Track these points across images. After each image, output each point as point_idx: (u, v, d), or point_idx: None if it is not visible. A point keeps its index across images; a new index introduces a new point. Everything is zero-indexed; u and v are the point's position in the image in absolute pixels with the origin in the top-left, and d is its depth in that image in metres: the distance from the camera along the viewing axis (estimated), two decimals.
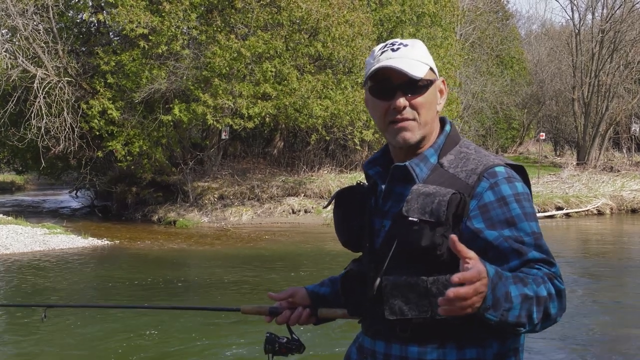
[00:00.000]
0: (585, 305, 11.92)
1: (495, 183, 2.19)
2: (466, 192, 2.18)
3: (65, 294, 13.14)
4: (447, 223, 2.13)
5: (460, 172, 2.25)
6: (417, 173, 2.29)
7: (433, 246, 2.12)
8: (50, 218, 26.47)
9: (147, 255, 18.05)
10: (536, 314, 2.00)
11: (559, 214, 26.51)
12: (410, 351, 2.21)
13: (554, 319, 2.06)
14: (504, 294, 1.94)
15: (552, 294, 2.03)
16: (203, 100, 22.03)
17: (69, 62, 24.26)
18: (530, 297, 1.98)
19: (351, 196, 2.50)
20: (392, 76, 2.27)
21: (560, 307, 2.06)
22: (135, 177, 26.32)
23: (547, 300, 2.01)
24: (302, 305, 2.62)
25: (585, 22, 43.26)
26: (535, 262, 2.09)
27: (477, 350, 2.19)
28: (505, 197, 2.17)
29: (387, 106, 2.30)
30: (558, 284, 2.06)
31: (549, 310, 2.02)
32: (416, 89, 2.28)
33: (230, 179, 26.70)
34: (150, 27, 21.87)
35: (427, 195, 2.16)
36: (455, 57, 30.59)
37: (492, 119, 46.15)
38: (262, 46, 22.03)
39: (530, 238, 2.13)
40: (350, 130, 25.49)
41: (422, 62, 2.31)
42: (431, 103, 2.32)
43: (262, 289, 13.14)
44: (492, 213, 2.16)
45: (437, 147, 2.34)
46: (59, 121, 23.75)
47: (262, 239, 20.89)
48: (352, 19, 23.11)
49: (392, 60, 2.27)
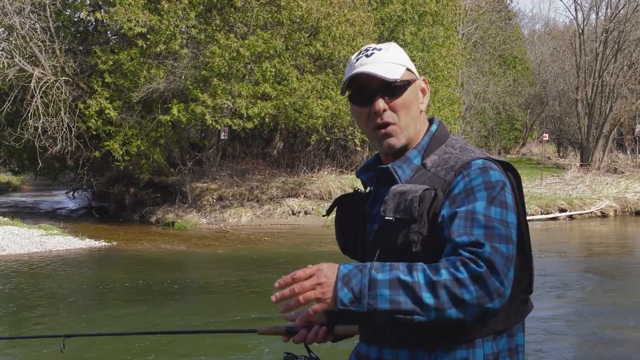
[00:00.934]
0: (590, 307, 11.92)
1: (467, 174, 2.20)
2: (442, 188, 2.20)
3: (61, 296, 13.15)
4: (420, 219, 2.15)
5: (441, 170, 2.26)
6: (399, 175, 2.32)
7: (408, 243, 2.15)
8: (47, 219, 26.48)
9: (145, 257, 18.05)
10: (431, 299, 1.96)
11: (562, 216, 26.51)
12: (402, 355, 2.24)
13: (476, 304, 1.98)
14: (367, 283, 1.99)
15: (461, 278, 1.97)
16: (202, 100, 22.03)
17: (66, 62, 24.27)
18: (410, 282, 1.97)
19: (350, 203, 2.53)
20: (369, 82, 2.31)
21: (483, 293, 1.98)
22: (133, 177, 26.33)
23: (452, 286, 1.96)
24: (318, 323, 2.62)
25: (589, 22, 43.23)
26: (462, 246, 2.04)
27: (467, 351, 2.19)
28: (473, 187, 2.16)
29: (368, 112, 2.34)
30: (474, 267, 1.98)
31: (459, 296, 1.96)
32: (393, 90, 2.31)
33: (229, 180, 26.70)
34: (149, 25, 21.87)
35: (402, 194, 2.20)
36: (457, 56, 30.61)
37: (495, 119, 46.16)
38: (262, 45, 22.03)
39: (481, 219, 2.08)
40: (350, 130, 25.49)
41: (396, 64, 2.33)
42: (411, 103, 2.35)
43: (262, 292, 13.15)
44: (458, 201, 2.15)
45: (421, 148, 2.37)
46: (56, 121, 23.75)
47: (262, 240, 20.89)
48: (352, 18, 23.12)
49: (366, 66, 2.31)
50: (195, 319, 10.90)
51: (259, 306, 11.74)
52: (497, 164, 2.26)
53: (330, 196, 25.71)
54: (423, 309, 1.97)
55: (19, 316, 11.26)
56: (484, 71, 41.84)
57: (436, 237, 2.15)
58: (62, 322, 10.74)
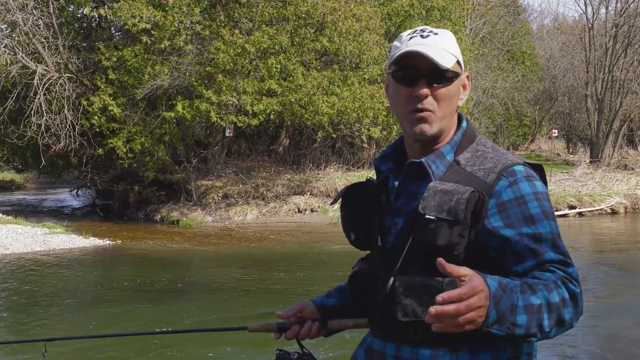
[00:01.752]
0: (600, 306, 11.88)
1: (514, 181, 2.17)
2: (484, 190, 2.16)
3: (65, 295, 13.16)
4: (465, 222, 2.10)
5: (478, 170, 2.23)
6: (433, 170, 2.26)
7: (450, 245, 2.10)
8: (51, 217, 26.52)
9: (150, 255, 18.06)
10: (547, 321, 1.97)
11: (572, 213, 26.45)
12: (422, 354, 2.19)
13: (569, 324, 2.02)
14: (510, 306, 1.91)
15: (566, 299, 2.00)
16: (206, 96, 22.03)
17: (69, 58, 24.29)
18: (539, 306, 1.95)
19: (360, 193, 2.48)
20: (419, 63, 2.24)
21: (575, 312, 2.03)
22: (137, 175, 26.33)
23: (561, 307, 1.98)
24: (311, 319, 2.60)
25: (598, 16, 43.12)
26: (551, 263, 2.06)
27: (491, 354, 2.17)
28: (524, 196, 2.15)
29: (409, 93, 2.27)
30: (573, 287, 2.02)
31: (563, 317, 1.99)
32: (442, 79, 2.25)
33: (234, 178, 26.69)
34: (153, 22, 21.87)
35: (445, 193, 2.14)
36: (465, 52, 30.51)
37: (503, 115, 46.02)
38: (267, 41, 22.01)
39: (549, 238, 2.10)
40: (357, 127, 25.47)
41: (450, 53, 2.27)
42: (453, 96, 2.29)
43: (268, 290, 13.15)
44: (511, 212, 2.14)
45: (454, 144, 2.32)
46: (59, 118, 23.76)
47: (267, 238, 20.89)
48: (359, 13, 23.09)
49: (422, 47, 2.24)
50: (201, 318, 10.90)
51: (264, 304, 11.74)
52: (532, 168, 2.27)
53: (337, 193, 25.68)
54: (541, 331, 1.98)
55: (21, 315, 11.26)
56: (492, 67, 41.72)
57: (475, 241, 2.13)
58: (65, 321, 10.75)
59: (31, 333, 10.19)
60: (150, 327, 10.25)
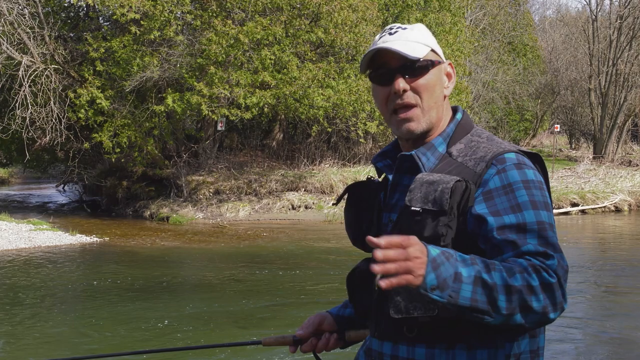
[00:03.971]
0: (602, 307, 11.90)
1: (502, 169, 2.18)
2: (473, 180, 2.17)
3: (50, 294, 13.14)
4: (451, 212, 2.12)
5: (469, 160, 2.24)
6: (423, 162, 2.29)
7: (436, 237, 2.11)
8: (36, 213, 26.46)
9: (139, 253, 18.04)
10: (505, 303, 1.95)
11: (575, 211, 26.50)
12: (418, 352, 2.21)
13: (540, 313, 1.98)
14: (453, 274, 1.93)
15: (534, 286, 1.96)
16: (198, 89, 21.99)
17: (56, 49, 24.23)
18: (492, 284, 1.94)
19: (362, 191, 2.50)
20: (389, 59, 2.29)
21: (549, 303, 1.98)
22: (126, 170, 26.31)
23: (525, 292, 1.95)
24: (329, 331, 2.61)
25: (602, 8, 43.23)
26: (529, 254, 2.03)
27: (489, 351, 2.17)
28: (511, 184, 2.15)
29: (387, 92, 2.31)
30: (546, 276, 1.97)
31: (529, 304, 1.96)
32: (415, 70, 2.29)
33: (226, 173, 26.68)
34: (142, 11, 21.83)
35: (431, 184, 2.16)
36: (465, 44, 30.56)
37: (504, 109, 46.09)
38: (261, 32, 21.97)
39: (534, 228, 2.08)
40: (353, 121, 25.47)
41: (420, 43, 2.31)
42: (434, 86, 2.32)
43: (261, 290, 13.14)
44: (497, 200, 2.14)
45: (446, 136, 2.34)
46: (45, 111, 23.72)
47: (260, 236, 20.88)
48: (355, 4, 23.07)
49: (388, 43, 2.29)
50: (190, 318, 10.89)
51: (256, 306, 11.73)
52: (528, 156, 2.25)
53: (332, 190, 25.71)
54: (495, 310, 1.96)
55: (2, 315, 11.23)
56: (492, 59, 41.77)
57: (464, 232, 2.13)
58: (51, 321, 10.72)
59: (12, 333, 10.17)
60: (137, 326, 10.23)
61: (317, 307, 11.42)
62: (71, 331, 10.30)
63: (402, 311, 2.17)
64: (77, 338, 9.89)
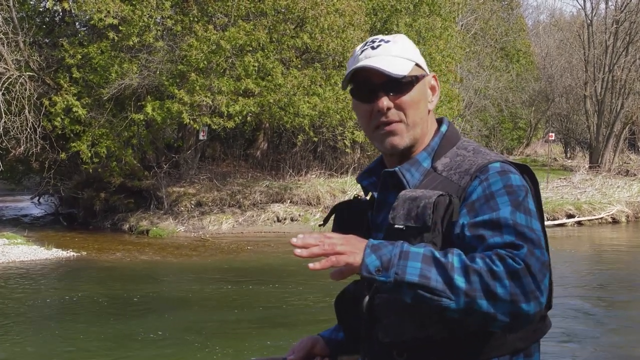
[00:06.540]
0: (599, 322, 11.93)
1: (485, 178, 2.17)
2: (457, 194, 2.17)
3: (25, 311, 13.07)
4: (434, 228, 2.11)
5: (454, 174, 2.24)
6: (407, 179, 2.29)
7: None
8: (10, 227, 26.31)
9: (117, 268, 17.99)
10: (464, 284, 1.93)
11: (570, 222, 26.54)
12: None
13: (509, 301, 1.94)
14: (398, 253, 1.97)
15: (497, 272, 1.93)
16: (178, 97, 21.95)
17: (30, 55, 24.16)
18: (445, 262, 1.95)
19: (350, 210, 2.50)
20: (372, 76, 2.29)
21: (519, 292, 1.94)
22: (103, 181, 26.19)
23: (486, 276, 1.93)
24: (321, 355, 2.59)
25: (598, 12, 43.41)
26: (496, 246, 2.02)
27: None
28: (493, 193, 2.13)
29: (370, 109, 2.32)
30: (512, 263, 1.95)
31: (492, 289, 1.93)
32: (399, 87, 2.29)
33: (208, 184, 26.64)
34: (121, 16, 21.80)
35: (413, 200, 2.16)
36: (456, 49, 30.66)
37: (497, 117, 46.27)
38: (244, 38, 21.97)
39: (509, 223, 2.05)
40: (340, 130, 25.49)
41: (404, 58, 2.31)
42: (419, 102, 2.32)
43: (244, 305, 13.11)
44: (478, 208, 2.12)
45: (431, 150, 2.34)
46: (19, 120, 23.62)
47: (244, 249, 20.85)
48: (342, 8, 23.10)
49: (371, 59, 2.29)
50: (171, 336, 10.85)
51: (241, 322, 11.71)
52: (515, 167, 2.23)
53: (319, 201, 25.70)
54: (453, 291, 1.94)
55: None
56: (484, 65, 41.93)
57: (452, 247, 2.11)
58: (26, 340, 10.66)
59: None
60: (116, 345, 10.19)
61: (304, 323, 11.41)
62: (45, 350, 10.24)
63: (390, 335, 2.17)
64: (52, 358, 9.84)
